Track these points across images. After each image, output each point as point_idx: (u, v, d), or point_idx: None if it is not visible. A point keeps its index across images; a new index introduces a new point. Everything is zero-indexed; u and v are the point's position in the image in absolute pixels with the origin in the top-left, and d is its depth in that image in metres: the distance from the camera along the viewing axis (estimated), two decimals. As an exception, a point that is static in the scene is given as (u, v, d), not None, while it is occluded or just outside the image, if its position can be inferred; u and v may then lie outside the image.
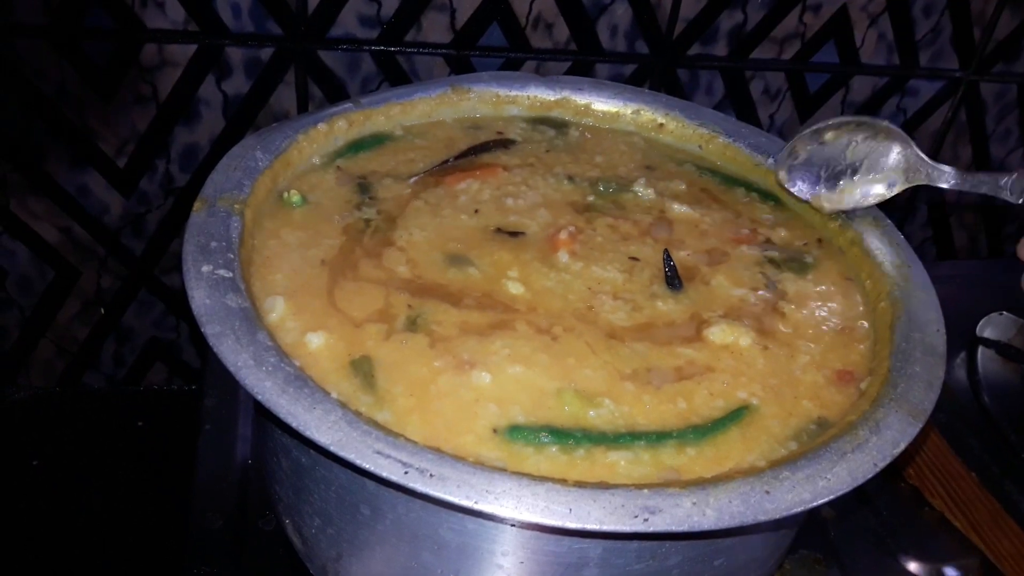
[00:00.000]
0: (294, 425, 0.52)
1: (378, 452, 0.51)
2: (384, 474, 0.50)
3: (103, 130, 1.12)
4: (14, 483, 1.22)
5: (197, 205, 0.68)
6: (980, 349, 1.11)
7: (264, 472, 0.76)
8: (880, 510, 0.90)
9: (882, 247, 0.76)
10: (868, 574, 0.85)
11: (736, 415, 0.61)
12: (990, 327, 1.13)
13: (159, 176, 1.17)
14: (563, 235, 0.75)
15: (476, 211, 0.78)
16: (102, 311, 1.28)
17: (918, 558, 0.86)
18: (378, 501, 0.58)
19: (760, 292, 0.73)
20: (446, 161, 0.83)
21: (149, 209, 1.19)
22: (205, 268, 0.62)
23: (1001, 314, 1.14)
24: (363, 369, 0.60)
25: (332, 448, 0.51)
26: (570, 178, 0.84)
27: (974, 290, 1.23)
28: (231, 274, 0.62)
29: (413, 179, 0.81)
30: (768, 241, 0.79)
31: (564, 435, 0.57)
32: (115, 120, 1.11)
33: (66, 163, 1.13)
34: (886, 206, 1.39)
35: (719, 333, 0.67)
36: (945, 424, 1.02)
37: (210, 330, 0.57)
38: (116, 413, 1.36)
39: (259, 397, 0.53)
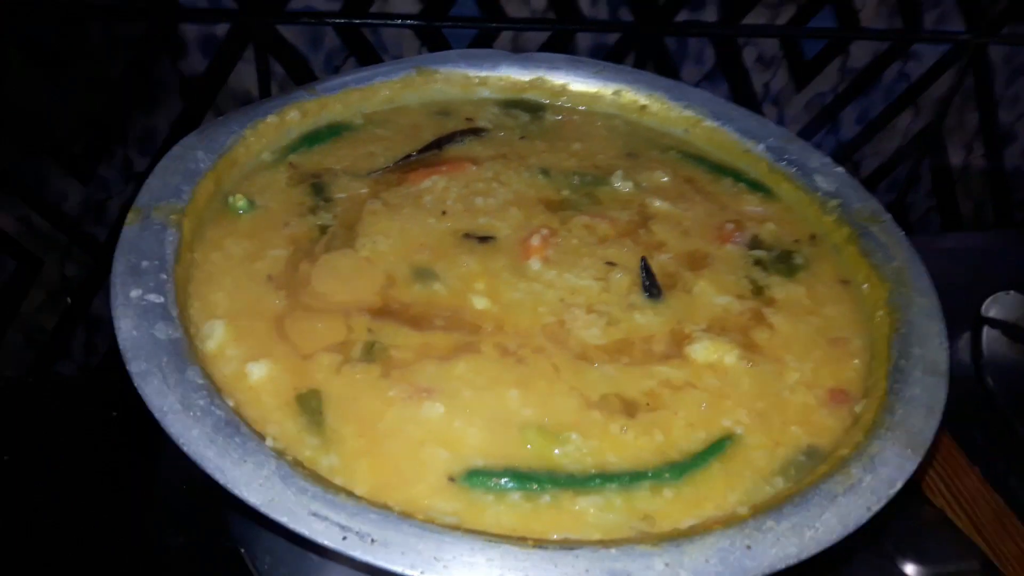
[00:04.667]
0: (221, 482, 0.47)
1: (314, 514, 0.46)
2: (320, 540, 0.45)
3: (54, 115, 1.05)
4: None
5: (130, 217, 0.62)
6: (985, 330, 1.05)
7: (221, 498, 0.71)
8: (877, 509, 0.86)
9: (880, 245, 0.70)
10: (863, 579, 0.80)
11: (718, 447, 0.56)
12: (996, 306, 1.08)
13: (118, 161, 1.10)
14: (535, 240, 0.69)
15: (443, 212, 0.72)
16: (68, 300, 1.22)
17: (916, 560, 0.81)
18: (325, 548, 0.54)
19: (746, 300, 0.67)
20: (409, 156, 0.77)
21: (110, 195, 1.13)
22: (134, 293, 0.56)
23: (1008, 293, 1.08)
24: (311, 405, 0.55)
25: (262, 510, 0.46)
26: (544, 171, 0.77)
27: (980, 266, 1.18)
28: (162, 299, 0.56)
29: (373, 175, 0.74)
30: (756, 238, 0.73)
31: (528, 479, 0.52)
32: (66, 104, 1.05)
33: (18, 150, 1.07)
34: (888, 173, 1.34)
35: (702, 351, 0.62)
36: (946, 413, 0.97)
37: (135, 368, 0.52)
38: (89, 402, 1.31)
39: (184, 448, 0.48)
